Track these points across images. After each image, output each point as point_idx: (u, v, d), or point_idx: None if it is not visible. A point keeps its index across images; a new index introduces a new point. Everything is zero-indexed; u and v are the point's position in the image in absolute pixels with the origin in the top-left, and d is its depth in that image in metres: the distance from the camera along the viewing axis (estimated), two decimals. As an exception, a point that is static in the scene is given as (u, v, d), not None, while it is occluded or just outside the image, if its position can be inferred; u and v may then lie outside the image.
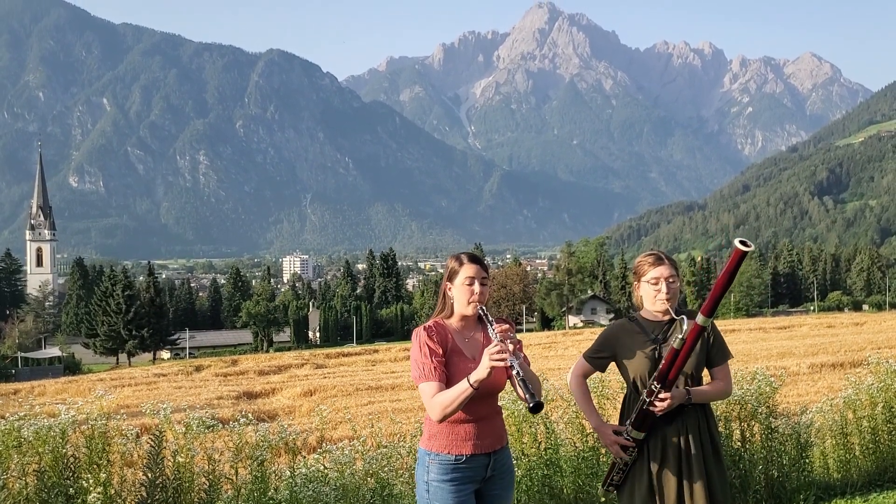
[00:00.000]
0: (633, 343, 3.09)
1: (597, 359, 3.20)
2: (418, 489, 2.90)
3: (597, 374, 3.68)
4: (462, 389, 2.69)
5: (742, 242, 2.66)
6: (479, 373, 2.67)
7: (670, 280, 3.07)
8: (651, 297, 3.09)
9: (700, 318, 2.84)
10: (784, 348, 29.12)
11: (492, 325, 2.79)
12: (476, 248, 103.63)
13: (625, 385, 3.23)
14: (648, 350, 3.05)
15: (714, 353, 3.12)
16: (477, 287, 2.87)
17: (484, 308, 2.89)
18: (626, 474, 3.14)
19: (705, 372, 3.20)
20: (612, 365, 3.28)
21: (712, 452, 3.09)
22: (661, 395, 2.93)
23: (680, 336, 2.88)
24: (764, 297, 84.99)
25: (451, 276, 2.92)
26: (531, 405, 2.57)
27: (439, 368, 2.78)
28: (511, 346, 2.68)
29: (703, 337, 3.05)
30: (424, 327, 2.88)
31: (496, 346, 2.65)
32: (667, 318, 3.07)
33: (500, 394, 2.98)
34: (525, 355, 2.86)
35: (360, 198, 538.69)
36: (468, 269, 2.88)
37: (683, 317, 2.94)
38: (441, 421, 2.78)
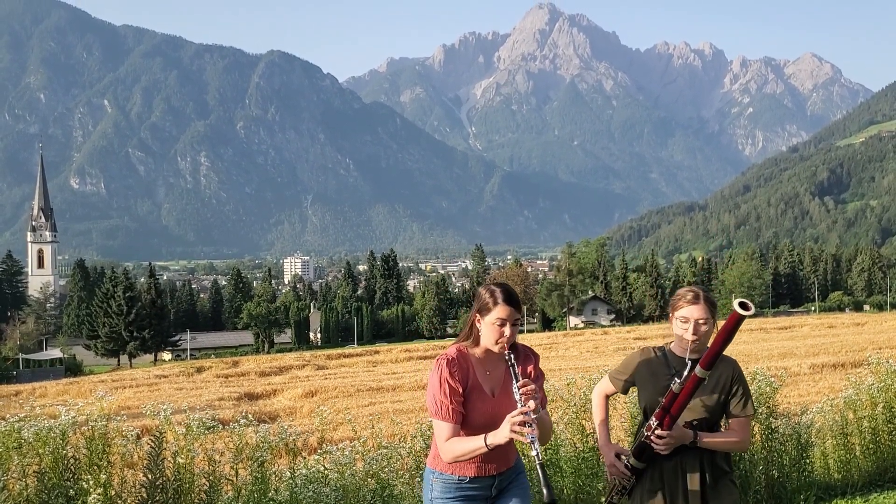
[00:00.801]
0: (652, 373, 3.09)
1: (618, 380, 3.21)
2: None
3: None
4: (477, 446, 2.68)
5: (742, 305, 2.63)
6: (497, 439, 2.64)
7: (700, 322, 2.99)
8: (679, 334, 3.06)
9: (699, 371, 2.82)
10: (785, 348, 29.11)
11: (516, 381, 2.71)
12: (477, 250, 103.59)
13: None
14: (665, 383, 3.00)
15: (734, 404, 3.04)
16: (507, 330, 2.78)
17: (512, 357, 2.80)
18: (627, 495, 3.15)
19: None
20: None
21: (717, 492, 3.02)
22: (658, 433, 2.91)
23: (679, 381, 2.87)
24: (765, 298, 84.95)
25: (482, 311, 2.82)
26: (546, 501, 2.52)
27: (457, 410, 2.75)
28: (532, 404, 2.64)
29: (725, 383, 3.04)
30: (447, 360, 2.81)
31: (519, 416, 2.59)
32: (694, 356, 3.02)
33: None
34: (544, 394, 2.88)
35: (360, 199, 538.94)
36: (501, 311, 2.78)
37: (690, 362, 2.93)
38: (451, 463, 2.80)
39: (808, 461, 5.35)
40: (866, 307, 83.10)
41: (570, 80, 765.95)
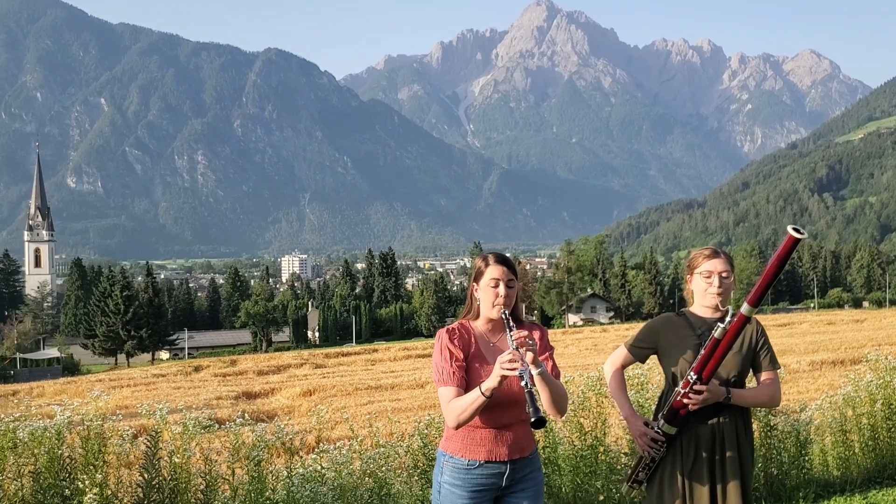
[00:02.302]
0: (677, 337, 2.99)
1: (638, 348, 3.10)
2: (433, 489, 2.87)
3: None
4: (474, 398, 2.62)
5: (795, 230, 2.54)
6: (490, 382, 2.59)
7: (724, 275, 2.97)
8: (702, 290, 2.99)
9: (745, 308, 2.70)
10: (784, 345, 29.10)
11: (510, 332, 2.67)
12: (475, 247, 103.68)
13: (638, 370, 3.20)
14: (692, 345, 2.93)
15: (762, 357, 3.00)
16: (502, 289, 2.75)
17: (507, 313, 2.75)
18: (652, 472, 3.02)
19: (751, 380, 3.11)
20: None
21: (749, 462, 2.99)
22: (697, 387, 2.80)
23: (722, 325, 2.76)
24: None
25: (478, 277, 2.82)
26: (533, 420, 2.47)
27: (458, 373, 2.71)
28: (530, 356, 2.58)
29: (751, 339, 2.98)
30: (447, 329, 2.81)
31: (508, 354, 2.55)
32: (717, 314, 2.95)
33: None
34: (554, 363, 2.80)
35: (358, 197, 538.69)
36: (494, 271, 2.77)
37: (729, 307, 2.87)
38: (456, 428, 2.71)
39: (806, 458, 5.34)
40: (865, 304, 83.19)
41: (569, 77, 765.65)
